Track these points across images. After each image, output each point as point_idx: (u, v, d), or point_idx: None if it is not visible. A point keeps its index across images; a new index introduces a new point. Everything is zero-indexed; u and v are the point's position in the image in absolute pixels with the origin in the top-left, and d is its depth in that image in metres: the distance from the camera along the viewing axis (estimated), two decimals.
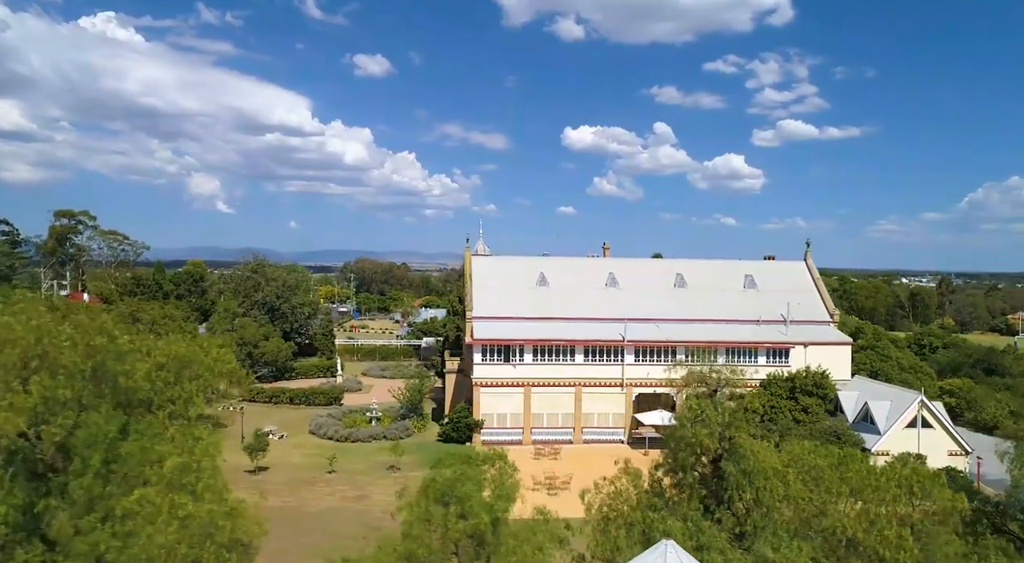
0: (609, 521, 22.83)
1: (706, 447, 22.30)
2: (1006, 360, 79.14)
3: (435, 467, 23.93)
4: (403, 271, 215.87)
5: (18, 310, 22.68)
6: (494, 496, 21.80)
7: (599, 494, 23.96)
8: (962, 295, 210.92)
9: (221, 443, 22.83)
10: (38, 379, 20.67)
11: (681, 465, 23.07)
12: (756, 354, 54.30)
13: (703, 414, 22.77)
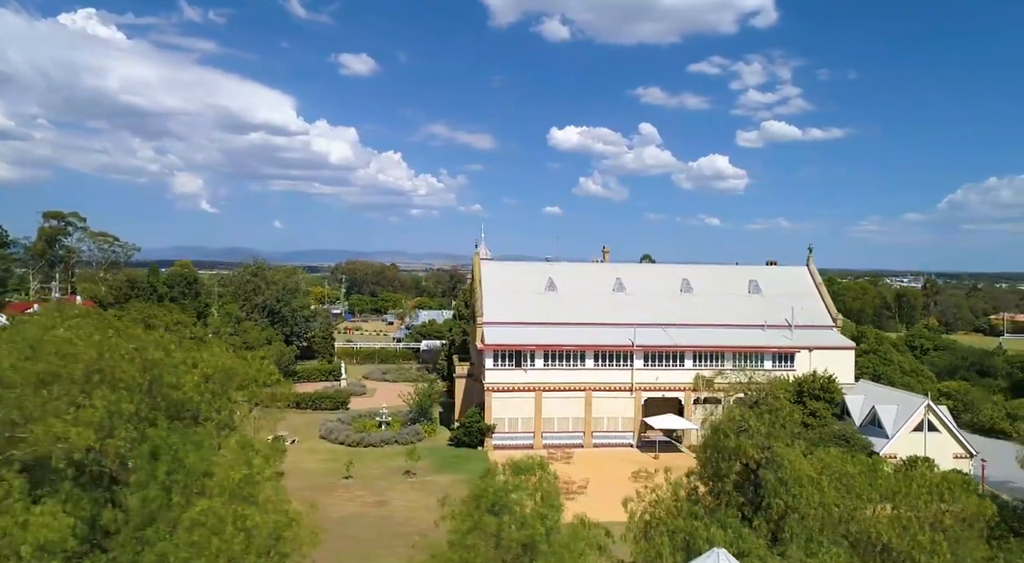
0: (652, 528, 23.49)
1: (749, 457, 23.05)
2: (996, 362, 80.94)
3: (484, 477, 24.30)
4: (394, 272, 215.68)
5: (75, 324, 23.03)
6: (545, 505, 22.39)
7: (641, 502, 24.64)
8: (946, 296, 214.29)
9: (277, 455, 23.23)
10: (101, 393, 21.07)
11: (724, 474, 23.80)
12: (762, 358, 55.30)
13: (746, 424, 23.50)
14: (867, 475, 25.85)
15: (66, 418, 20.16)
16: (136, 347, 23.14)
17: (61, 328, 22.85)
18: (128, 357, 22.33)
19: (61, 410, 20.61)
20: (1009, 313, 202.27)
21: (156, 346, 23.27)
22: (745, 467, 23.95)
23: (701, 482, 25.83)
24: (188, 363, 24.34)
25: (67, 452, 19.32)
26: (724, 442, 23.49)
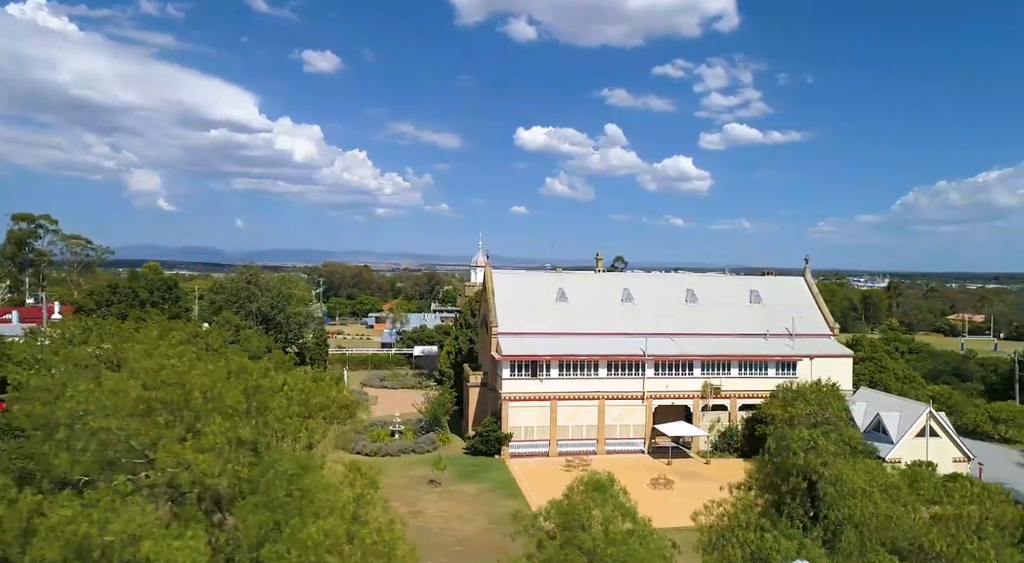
0: (724, 539, 25.03)
1: (817, 473, 24.78)
2: (971, 366, 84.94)
3: (568, 493, 25.42)
4: (370, 274, 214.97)
5: (183, 352, 23.75)
6: (631, 520, 23.75)
7: (710, 515, 26.20)
8: (908, 297, 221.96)
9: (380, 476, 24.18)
10: (215, 420, 21.89)
11: (790, 488, 25.49)
12: (766, 366, 57.56)
13: (814, 442, 25.22)
14: (911, 485, 27.87)
15: (188, 445, 20.96)
16: (231, 371, 23.90)
17: (170, 355, 23.46)
18: (234, 383, 23.12)
19: (181, 437, 21.41)
20: (967, 314, 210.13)
21: (259, 373, 24.08)
22: (806, 480, 25.68)
23: (761, 494, 27.51)
24: (277, 386, 25.12)
25: (197, 477, 20.08)
26: (793, 460, 25.17)
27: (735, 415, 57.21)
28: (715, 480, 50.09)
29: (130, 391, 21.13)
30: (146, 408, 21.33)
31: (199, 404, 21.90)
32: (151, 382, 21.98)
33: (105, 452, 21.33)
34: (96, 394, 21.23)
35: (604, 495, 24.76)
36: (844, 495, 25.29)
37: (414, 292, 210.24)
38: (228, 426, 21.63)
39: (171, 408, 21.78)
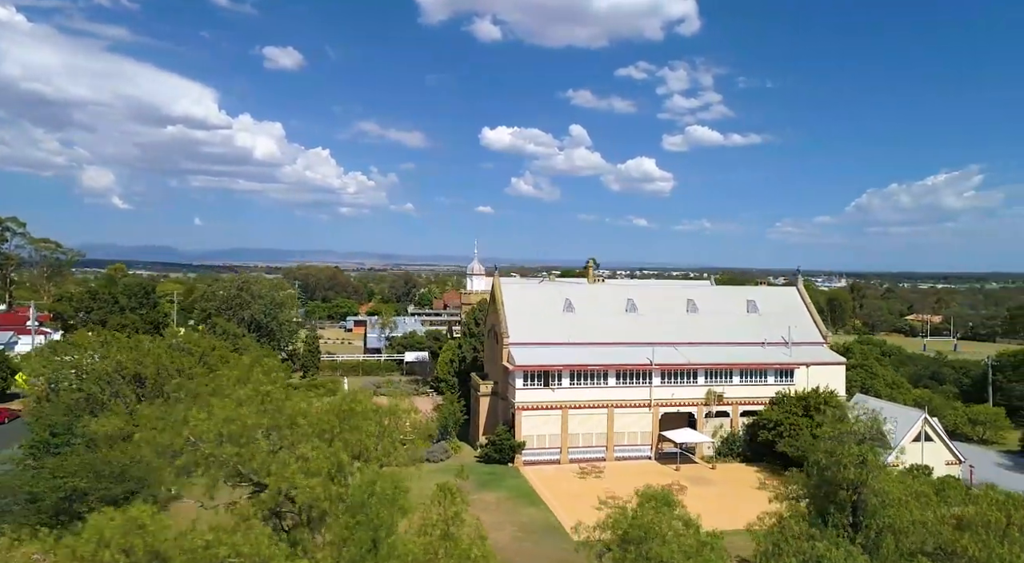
0: (780, 548, 26.84)
1: (865, 485, 26.79)
2: (945, 370, 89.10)
3: (642, 505, 26.82)
4: (345, 277, 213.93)
5: (278, 378, 24.71)
6: (698, 534, 25.38)
7: (763, 526, 28.04)
8: (868, 298, 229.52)
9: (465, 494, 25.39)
10: (320, 445, 22.99)
11: (836, 501, 27.46)
12: (766, 374, 60.03)
13: (864, 457, 27.21)
14: (938, 493, 30.15)
15: (293, 468, 22.02)
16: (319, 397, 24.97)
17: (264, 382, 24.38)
18: (330, 409, 24.22)
19: (288, 460, 22.44)
20: (926, 315, 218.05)
21: (352, 399, 25.17)
22: (855, 493, 27.69)
23: (807, 505, 29.48)
24: (369, 411, 26.20)
25: (310, 500, 21.13)
26: (844, 473, 27.13)
27: (736, 421, 59.51)
28: (725, 485, 52.49)
29: (245, 419, 22.06)
30: (253, 435, 22.32)
31: (303, 430, 22.93)
32: (256, 410, 22.93)
33: (218, 474, 22.29)
34: (209, 423, 22.10)
35: (671, 508, 26.39)
36: (885, 504, 27.37)
37: (390, 295, 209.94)
38: (331, 451, 22.74)
39: (279, 434, 22.79)
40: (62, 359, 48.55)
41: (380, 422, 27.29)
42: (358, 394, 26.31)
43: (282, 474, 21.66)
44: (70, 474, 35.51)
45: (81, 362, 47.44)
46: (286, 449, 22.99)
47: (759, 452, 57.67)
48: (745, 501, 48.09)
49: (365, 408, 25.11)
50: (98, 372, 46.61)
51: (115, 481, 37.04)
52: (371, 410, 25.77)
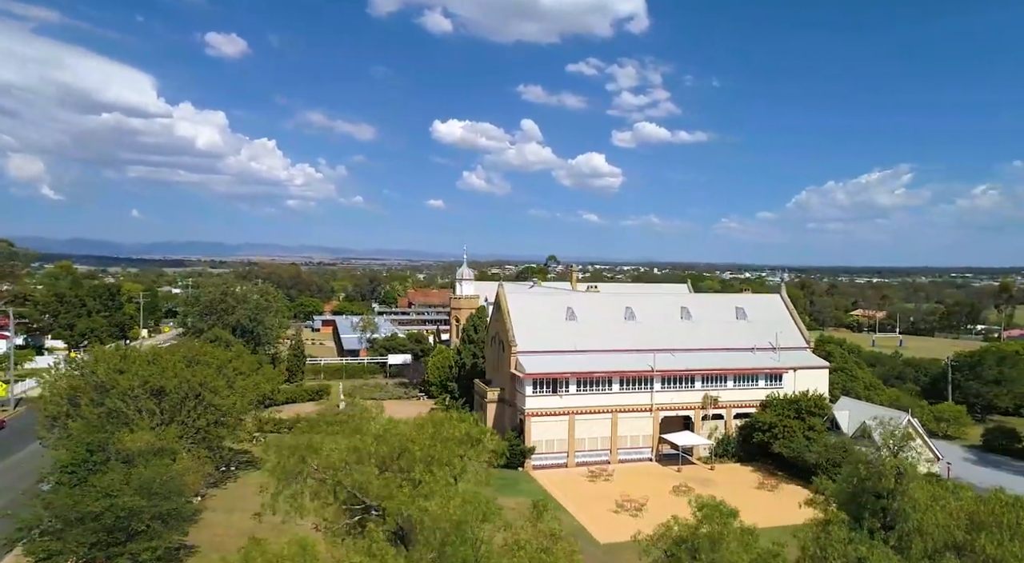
0: (826, 553, 29.55)
1: (901, 493, 29.72)
2: (907, 370, 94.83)
3: (697, 512, 29.10)
4: (310, 275, 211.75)
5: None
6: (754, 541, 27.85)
7: (807, 532, 30.75)
8: (816, 295, 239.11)
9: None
10: (434, 470, 24.65)
11: (873, 507, 30.36)
12: (757, 378, 63.54)
13: (903, 468, 30.13)
14: (953, 493, 33.41)
15: (407, 493, 23.65)
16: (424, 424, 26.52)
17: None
18: (432, 434, 25.86)
19: (399, 484, 24.04)
20: (871, 310, 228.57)
21: (447, 422, 26.87)
22: (889, 499, 30.64)
23: (841, 509, 32.35)
24: (462, 434, 27.82)
25: (434, 523, 22.75)
26: (884, 484, 30.03)
27: (730, 423, 62.86)
28: (727, 485, 55.54)
29: (371, 448, 23.54)
30: (381, 463, 23.84)
31: (416, 456, 24.52)
32: (374, 440, 24.41)
33: (340, 497, 23.73)
34: (339, 452, 23.48)
35: (732, 518, 28.82)
36: (915, 509, 30.40)
37: (354, 293, 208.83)
38: (442, 474, 24.46)
39: (399, 463, 24.33)
40: (83, 374, 48.29)
41: (470, 444, 29.01)
42: (445, 420, 27.97)
43: (399, 498, 23.23)
44: (120, 492, 35.92)
45: (102, 377, 47.29)
46: (399, 473, 24.52)
47: (752, 452, 61.12)
48: (752, 501, 51.25)
49: (458, 433, 26.79)
50: (122, 388, 46.62)
51: (163, 498, 37.62)
52: (464, 435, 27.44)
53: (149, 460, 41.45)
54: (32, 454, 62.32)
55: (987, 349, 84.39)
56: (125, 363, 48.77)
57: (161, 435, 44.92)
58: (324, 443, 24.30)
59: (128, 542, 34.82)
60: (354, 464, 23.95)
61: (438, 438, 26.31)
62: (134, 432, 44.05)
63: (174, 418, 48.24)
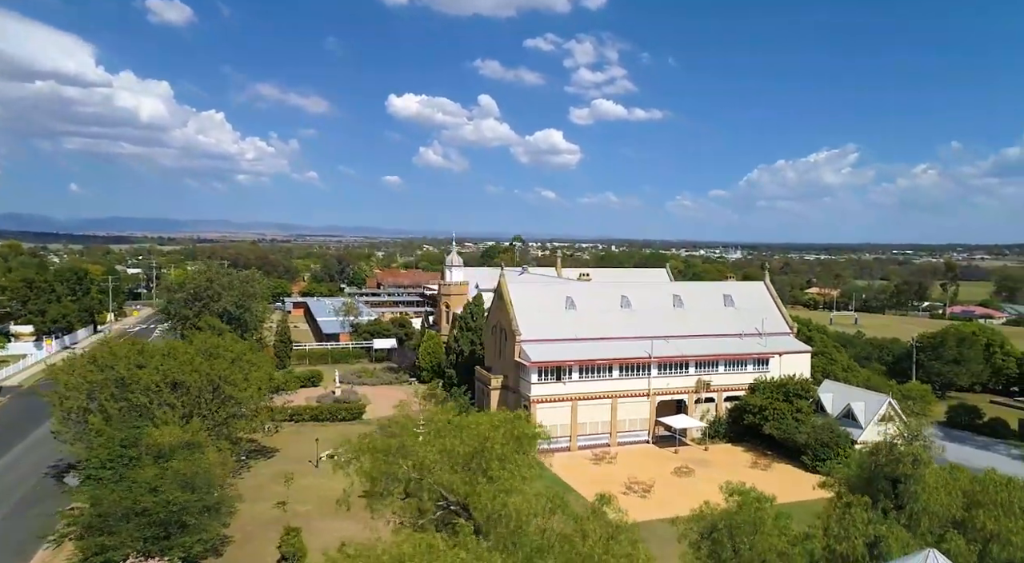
0: (847, 532, 32.47)
1: (915, 477, 32.78)
2: (869, 348, 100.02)
3: (733, 497, 31.63)
4: (277, 257, 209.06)
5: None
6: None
7: (831, 513, 33.65)
8: (772, 273, 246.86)
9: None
10: (507, 466, 26.54)
11: (888, 490, 33.40)
12: (746, 363, 66.92)
13: (919, 456, 33.17)
14: (951, 475, 36.80)
15: (487, 488, 25.53)
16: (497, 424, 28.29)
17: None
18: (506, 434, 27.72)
19: (478, 480, 25.87)
20: (826, 288, 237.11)
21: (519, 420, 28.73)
22: (905, 483, 33.73)
23: (853, 491, 35.37)
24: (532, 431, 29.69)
25: (520, 520, 24.67)
26: (902, 469, 33.05)
27: (721, 406, 66.19)
28: (724, 466, 58.90)
29: (456, 449, 25.24)
30: (464, 462, 25.57)
31: (494, 454, 26.35)
32: (462, 441, 26.12)
33: (432, 496, 25.48)
34: (430, 453, 25.12)
35: (764, 503, 31.45)
36: (925, 491, 33.58)
37: (322, 274, 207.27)
38: (515, 470, 26.41)
39: (476, 460, 26.10)
40: (102, 368, 48.38)
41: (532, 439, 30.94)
42: (514, 418, 29.80)
43: (482, 494, 25.09)
44: (165, 487, 36.69)
45: (123, 372, 47.53)
46: (480, 472, 26.29)
47: (741, 433, 64.61)
48: (749, 480, 53.88)
49: (528, 430, 28.68)
50: (144, 383, 47.00)
51: (205, 492, 38.59)
52: (533, 433, 29.37)
53: (179, 454, 42.23)
54: (33, 446, 61.93)
55: (947, 331, 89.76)
56: (143, 357, 49.06)
57: (187, 429, 45.60)
58: (414, 446, 25.87)
59: (180, 535, 35.74)
60: (441, 464, 25.61)
61: (510, 436, 28.17)
62: (158, 427, 44.69)
63: (194, 412, 48.86)
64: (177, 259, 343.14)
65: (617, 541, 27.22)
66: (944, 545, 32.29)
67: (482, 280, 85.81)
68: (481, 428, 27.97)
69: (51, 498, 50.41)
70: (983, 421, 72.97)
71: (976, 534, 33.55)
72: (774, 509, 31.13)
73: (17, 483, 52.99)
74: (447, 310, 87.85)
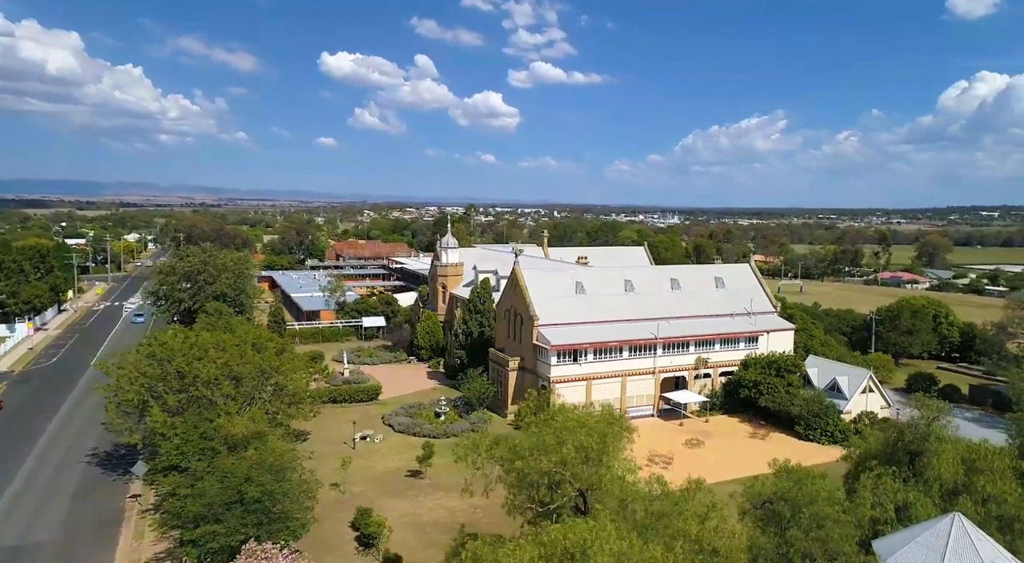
0: (877, 498, 38.07)
1: (932, 450, 38.59)
2: (831, 320, 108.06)
3: (779, 475, 36.67)
4: (234, 230, 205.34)
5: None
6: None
7: (865, 482, 39.22)
8: (722, 243, 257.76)
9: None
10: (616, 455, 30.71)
11: (908, 461, 39.19)
12: (738, 341, 72.91)
13: (940, 435, 38.91)
14: (954, 449, 43.07)
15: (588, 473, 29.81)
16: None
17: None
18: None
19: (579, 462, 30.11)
20: (769, 256, 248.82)
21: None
22: (917, 455, 39.59)
23: (879, 463, 41.12)
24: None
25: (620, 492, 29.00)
26: (924, 445, 38.80)
27: (716, 381, 72.13)
28: (728, 436, 64.91)
29: (592, 445, 29.26)
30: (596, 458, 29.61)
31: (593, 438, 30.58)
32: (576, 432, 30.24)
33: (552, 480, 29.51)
34: (569, 451, 29.04)
35: (818, 480, 36.66)
36: (939, 461, 39.54)
37: (282, 246, 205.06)
38: (613, 450, 30.77)
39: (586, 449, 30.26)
40: (160, 362, 49.85)
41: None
42: (607, 407, 34.02)
43: (581, 476, 29.31)
44: (259, 476, 39.27)
45: (183, 366, 49.18)
46: (599, 463, 30.38)
47: (734, 405, 70.76)
48: (753, 449, 60.77)
49: (624, 427, 33.00)
50: (204, 376, 48.89)
51: (289, 477, 41.32)
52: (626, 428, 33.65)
53: (252, 444, 44.79)
54: (57, 436, 62.46)
55: (902, 304, 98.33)
56: (197, 351, 50.70)
57: (251, 418, 48.00)
58: (555, 445, 29.68)
59: (281, 519, 38.49)
60: (577, 459, 29.60)
61: (603, 421, 32.41)
62: (220, 417, 46.92)
63: (250, 402, 51.10)
64: (106, 225, 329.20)
65: (709, 518, 31.90)
66: (956, 507, 38.23)
67: (480, 262, 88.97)
68: (600, 426, 31.93)
69: (103, 485, 52.19)
70: (939, 387, 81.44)
71: (977, 496, 39.73)
72: (826, 484, 36.40)
73: (59, 472, 54.14)
74: (443, 290, 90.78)
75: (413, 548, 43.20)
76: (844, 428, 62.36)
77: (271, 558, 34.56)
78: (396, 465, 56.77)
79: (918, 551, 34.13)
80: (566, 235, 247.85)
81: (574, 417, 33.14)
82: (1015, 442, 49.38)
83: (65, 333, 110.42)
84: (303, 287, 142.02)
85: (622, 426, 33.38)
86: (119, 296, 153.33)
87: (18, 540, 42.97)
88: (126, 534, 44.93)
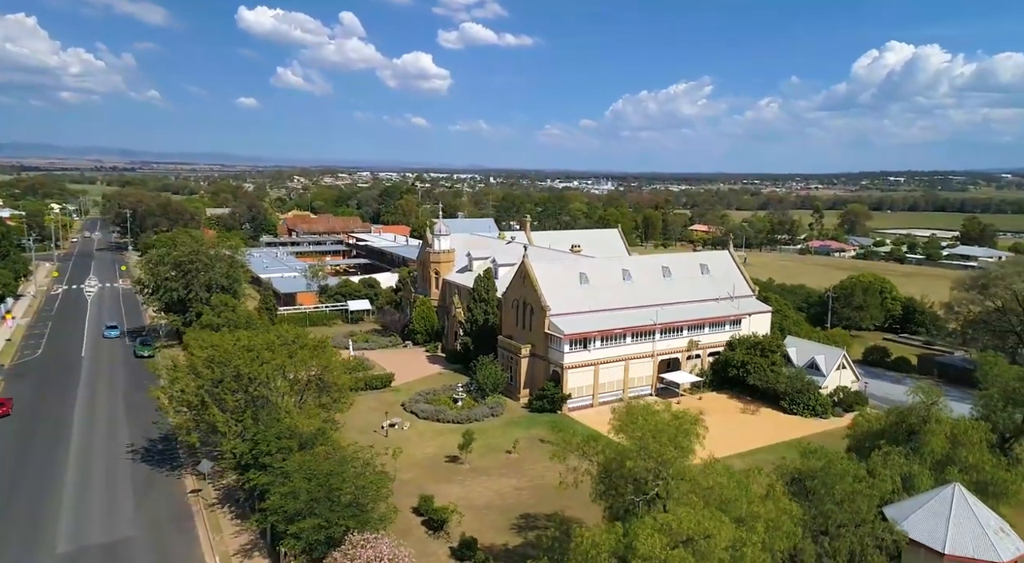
0: (883, 468, 44.77)
1: (929, 429, 45.49)
2: (794, 298, 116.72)
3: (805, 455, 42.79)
4: (181, 206, 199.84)
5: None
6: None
7: (875, 458, 45.86)
8: (672, 215, 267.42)
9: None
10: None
11: (903, 439, 46.04)
12: (724, 324, 79.60)
13: (939, 417, 45.77)
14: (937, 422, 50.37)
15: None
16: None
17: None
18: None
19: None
20: (709, 226, 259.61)
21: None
22: (915, 432, 46.53)
23: (879, 438, 47.91)
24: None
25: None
26: (925, 427, 45.63)
27: (705, 361, 78.80)
28: (723, 412, 71.68)
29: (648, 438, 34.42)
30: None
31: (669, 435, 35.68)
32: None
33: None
34: (667, 449, 34.01)
35: (845, 460, 42.90)
36: (935, 438, 46.61)
37: (234, 222, 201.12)
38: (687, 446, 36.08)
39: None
40: (219, 365, 51.82)
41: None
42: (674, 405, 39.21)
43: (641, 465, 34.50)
44: (340, 472, 42.47)
45: (241, 367, 51.36)
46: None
47: (721, 382, 77.62)
48: (747, 423, 67.79)
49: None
50: (261, 377, 51.38)
51: (363, 471, 44.58)
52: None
53: (319, 440, 48.03)
54: (87, 432, 63.26)
55: (854, 281, 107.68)
56: (256, 353, 52.85)
57: (308, 415, 51.06)
58: (652, 444, 34.51)
59: (367, 511, 41.97)
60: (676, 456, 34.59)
61: (687, 421, 37.59)
62: (284, 416, 49.78)
63: (302, 398, 53.92)
64: (13, 192, 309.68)
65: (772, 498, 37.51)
66: (945, 476, 45.28)
67: (472, 249, 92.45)
68: (683, 423, 36.99)
69: (158, 481, 54.29)
70: (891, 359, 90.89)
71: (960, 465, 46.97)
72: (852, 464, 42.73)
73: (108, 470, 55.69)
74: (436, 276, 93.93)
75: (479, 530, 47.42)
76: (823, 402, 70.02)
77: (375, 546, 38.30)
78: (432, 451, 60.66)
79: (926, 515, 41.14)
80: (514, 206, 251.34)
81: (657, 419, 37.89)
82: (980, 414, 57.30)
83: (36, 321, 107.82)
84: (269, 267, 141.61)
85: (696, 422, 38.43)
86: (72, 278, 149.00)
87: (107, 537, 45.08)
88: (202, 528, 47.57)
